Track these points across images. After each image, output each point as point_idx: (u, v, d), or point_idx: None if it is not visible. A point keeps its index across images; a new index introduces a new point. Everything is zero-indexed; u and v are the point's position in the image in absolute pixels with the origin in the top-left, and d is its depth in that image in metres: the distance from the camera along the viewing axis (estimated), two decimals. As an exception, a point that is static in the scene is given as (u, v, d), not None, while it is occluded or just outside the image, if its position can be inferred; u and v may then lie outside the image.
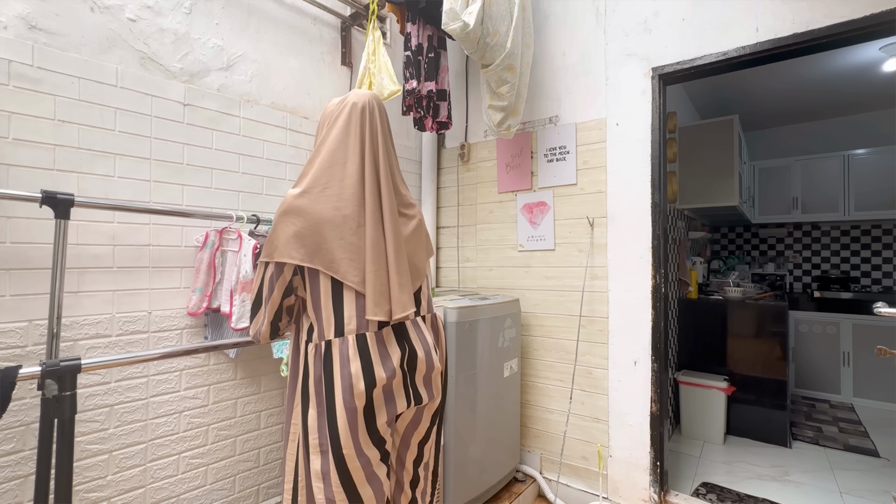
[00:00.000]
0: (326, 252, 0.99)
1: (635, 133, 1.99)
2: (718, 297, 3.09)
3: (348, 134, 1.04)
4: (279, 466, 1.98)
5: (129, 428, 1.54)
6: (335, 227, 1.00)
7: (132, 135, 1.55)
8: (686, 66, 1.87)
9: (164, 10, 1.64)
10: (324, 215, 1.00)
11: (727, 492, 2.20)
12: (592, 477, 2.08)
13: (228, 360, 1.80)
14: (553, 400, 2.23)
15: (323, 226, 1.00)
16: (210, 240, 1.68)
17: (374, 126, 1.08)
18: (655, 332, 1.93)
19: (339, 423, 0.97)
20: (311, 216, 0.99)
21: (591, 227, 2.12)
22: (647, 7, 1.98)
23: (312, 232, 0.99)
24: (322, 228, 0.99)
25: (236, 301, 1.61)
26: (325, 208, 1.00)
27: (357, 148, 1.04)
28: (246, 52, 1.88)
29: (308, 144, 2.10)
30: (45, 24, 1.38)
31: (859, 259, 4.13)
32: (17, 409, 1.32)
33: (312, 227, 0.99)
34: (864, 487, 2.26)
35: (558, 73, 2.24)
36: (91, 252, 1.47)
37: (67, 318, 1.41)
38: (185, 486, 1.67)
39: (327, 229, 1.00)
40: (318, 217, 1.00)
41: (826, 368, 3.62)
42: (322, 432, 0.98)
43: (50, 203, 1.24)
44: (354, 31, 2.31)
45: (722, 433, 2.78)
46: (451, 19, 1.76)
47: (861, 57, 3.00)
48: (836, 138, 4.19)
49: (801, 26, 1.64)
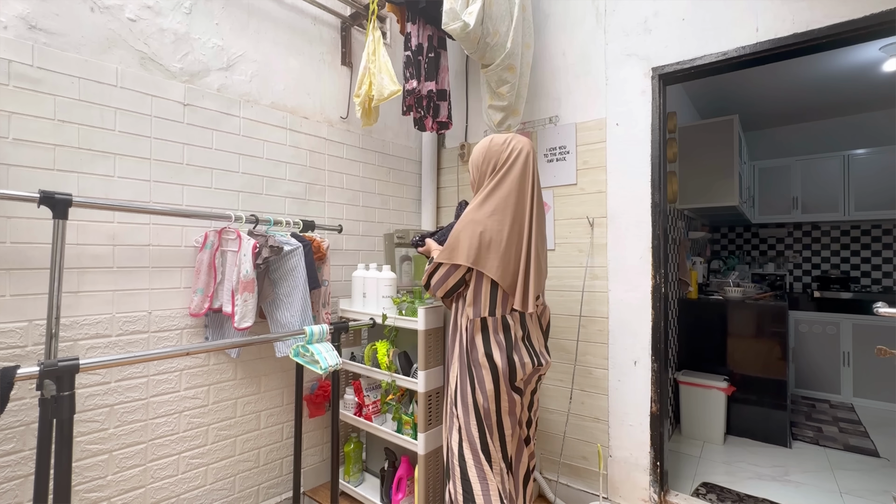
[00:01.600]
0: (491, 260, 1.36)
1: (635, 133, 1.99)
2: (718, 297, 3.08)
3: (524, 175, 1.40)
4: (279, 466, 1.98)
5: (129, 428, 1.54)
6: (497, 244, 1.36)
7: (132, 135, 1.55)
8: (686, 66, 1.87)
9: (164, 10, 1.64)
10: (493, 234, 1.36)
11: (727, 492, 2.20)
12: (592, 477, 2.08)
13: (228, 360, 1.80)
14: (553, 400, 2.22)
15: (493, 241, 1.36)
16: (209, 240, 1.68)
17: (536, 169, 1.45)
18: (655, 332, 1.93)
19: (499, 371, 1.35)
20: (488, 232, 1.36)
21: (591, 227, 2.12)
22: (647, 7, 1.98)
23: (489, 248, 1.36)
24: (492, 243, 1.36)
25: (238, 301, 1.61)
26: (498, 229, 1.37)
27: (528, 190, 1.41)
28: (246, 52, 1.88)
29: (308, 144, 2.10)
30: (45, 24, 1.38)
31: (859, 259, 4.13)
32: (17, 409, 1.32)
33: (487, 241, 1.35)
34: (864, 487, 2.26)
35: (558, 73, 2.24)
36: (91, 252, 1.47)
37: (67, 318, 1.41)
38: (185, 486, 1.67)
39: (494, 245, 1.36)
40: (491, 234, 1.36)
41: (826, 368, 3.62)
42: (480, 379, 1.36)
43: (48, 203, 1.24)
44: (354, 31, 2.31)
45: (722, 433, 2.78)
46: (452, 19, 1.75)
47: (861, 57, 3.00)
48: (836, 138, 4.19)
49: (801, 26, 1.64)
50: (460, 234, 1.37)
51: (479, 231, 1.35)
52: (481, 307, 1.40)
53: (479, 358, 1.37)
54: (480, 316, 1.39)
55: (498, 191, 1.38)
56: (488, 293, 1.40)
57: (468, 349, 1.39)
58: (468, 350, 1.39)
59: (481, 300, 1.40)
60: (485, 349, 1.36)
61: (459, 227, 1.38)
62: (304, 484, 2.06)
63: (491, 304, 1.40)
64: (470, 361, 1.39)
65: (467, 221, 1.38)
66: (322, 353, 1.55)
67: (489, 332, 1.38)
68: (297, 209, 2.05)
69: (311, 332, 1.57)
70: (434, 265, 1.44)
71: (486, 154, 1.43)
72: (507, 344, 1.38)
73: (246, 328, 1.61)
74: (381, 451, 2.04)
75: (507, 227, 1.37)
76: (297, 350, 1.58)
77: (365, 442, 2.19)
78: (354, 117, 2.22)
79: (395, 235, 2.20)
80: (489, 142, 1.44)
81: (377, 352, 1.88)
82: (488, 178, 1.41)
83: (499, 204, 1.37)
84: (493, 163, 1.41)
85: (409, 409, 1.83)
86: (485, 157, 1.43)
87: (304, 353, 1.58)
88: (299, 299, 1.77)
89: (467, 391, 1.39)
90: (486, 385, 1.35)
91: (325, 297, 1.99)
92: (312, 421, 2.11)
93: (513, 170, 1.39)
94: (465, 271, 1.39)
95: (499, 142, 1.42)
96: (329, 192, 2.20)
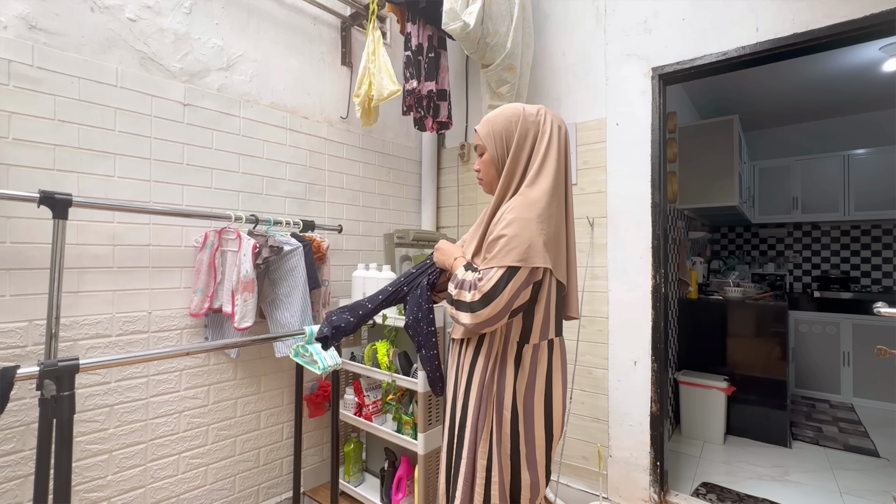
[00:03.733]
0: (559, 258, 1.08)
1: (635, 133, 1.99)
2: (718, 297, 3.08)
3: (559, 153, 1.11)
4: (279, 466, 1.98)
5: (129, 428, 1.54)
6: (560, 237, 1.09)
7: (132, 135, 1.55)
8: (686, 66, 1.87)
9: (164, 10, 1.64)
10: (560, 226, 1.08)
11: (727, 492, 2.20)
12: (592, 477, 2.08)
13: (228, 360, 1.79)
14: (553, 400, 2.22)
15: (558, 234, 1.07)
16: (209, 240, 1.68)
17: (569, 149, 1.18)
18: (655, 332, 1.93)
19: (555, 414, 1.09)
20: (556, 225, 1.06)
21: (591, 227, 2.12)
22: (647, 7, 1.98)
23: (555, 239, 1.06)
24: (558, 236, 1.07)
25: (238, 301, 1.61)
26: (557, 216, 1.08)
27: (564, 169, 1.12)
28: (246, 52, 1.88)
29: (308, 144, 2.10)
30: (45, 24, 1.38)
31: (859, 259, 4.13)
32: (17, 409, 1.32)
33: (556, 235, 1.06)
34: (864, 487, 2.26)
35: (558, 73, 2.24)
36: (91, 252, 1.47)
37: (67, 318, 1.40)
38: (185, 486, 1.67)
39: (557, 238, 1.07)
40: (559, 226, 1.07)
41: (826, 368, 3.62)
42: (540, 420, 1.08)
43: (48, 203, 1.24)
44: (354, 31, 2.31)
45: (722, 433, 2.78)
46: (452, 19, 1.75)
47: (861, 57, 3.00)
48: (836, 138, 4.19)
49: (801, 26, 1.64)
50: (527, 223, 0.99)
51: (547, 217, 1.02)
52: (550, 325, 1.10)
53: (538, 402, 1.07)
54: (548, 338, 1.10)
55: (546, 168, 1.08)
56: (553, 304, 1.10)
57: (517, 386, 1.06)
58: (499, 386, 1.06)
59: (551, 315, 1.10)
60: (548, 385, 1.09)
61: (520, 214, 1.00)
62: (304, 484, 2.06)
63: (557, 319, 1.13)
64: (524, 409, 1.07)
65: (529, 204, 1.02)
66: (322, 354, 1.55)
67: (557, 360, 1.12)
68: (297, 209, 2.05)
69: (311, 332, 1.57)
70: (500, 272, 0.97)
71: (522, 123, 1.10)
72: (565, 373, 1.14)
73: (246, 328, 1.61)
74: (381, 451, 2.03)
75: (562, 214, 1.10)
76: (297, 350, 1.58)
77: (365, 442, 2.19)
78: (354, 117, 2.22)
79: (395, 235, 2.19)
80: (522, 110, 1.12)
81: (377, 352, 1.88)
82: (529, 153, 1.10)
83: (551, 184, 1.06)
84: (532, 134, 1.10)
85: (409, 409, 1.83)
86: (521, 128, 1.10)
87: (304, 353, 1.58)
88: (299, 299, 1.77)
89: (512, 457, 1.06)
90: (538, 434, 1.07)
91: (325, 297, 1.99)
92: (312, 421, 2.11)
93: (561, 147, 1.11)
94: (539, 278, 1.04)
95: (533, 112, 1.12)
96: (329, 192, 2.20)
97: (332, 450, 1.85)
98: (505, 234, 0.99)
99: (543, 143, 1.09)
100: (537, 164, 1.08)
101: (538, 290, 1.06)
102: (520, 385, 1.06)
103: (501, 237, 0.99)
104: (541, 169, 1.08)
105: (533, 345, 1.08)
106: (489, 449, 1.06)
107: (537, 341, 1.08)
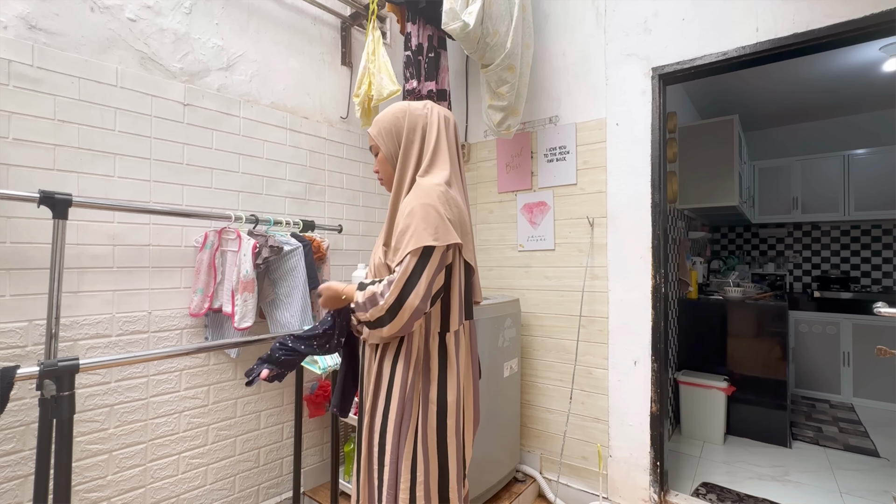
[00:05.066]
0: (464, 241, 1.06)
1: (635, 133, 1.99)
2: (718, 297, 3.08)
3: (449, 143, 1.14)
4: (279, 466, 1.98)
5: (129, 428, 1.54)
6: (464, 221, 1.08)
7: (132, 135, 1.55)
8: (686, 66, 1.86)
9: (164, 10, 1.64)
10: (461, 208, 1.08)
11: (727, 492, 2.20)
12: (592, 477, 2.08)
13: (228, 360, 1.79)
14: (553, 400, 2.22)
15: (461, 217, 1.07)
16: (209, 240, 1.68)
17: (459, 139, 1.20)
18: (655, 332, 1.93)
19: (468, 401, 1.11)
20: (458, 207, 1.06)
21: (591, 227, 2.12)
22: (647, 7, 1.98)
23: (460, 221, 1.05)
24: (461, 219, 1.06)
25: (238, 301, 1.61)
26: (461, 201, 1.09)
27: (456, 157, 1.15)
28: (246, 52, 1.88)
29: (308, 144, 2.10)
30: (45, 24, 1.38)
31: (859, 259, 4.13)
32: (17, 409, 1.32)
33: (459, 217, 1.05)
34: (864, 487, 2.26)
35: (558, 73, 2.24)
36: (91, 252, 1.46)
37: (67, 318, 1.40)
38: (185, 486, 1.67)
39: (461, 221, 1.06)
40: (460, 208, 1.07)
41: (826, 368, 3.62)
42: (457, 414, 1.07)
43: (48, 203, 1.24)
44: (354, 31, 2.31)
45: (722, 433, 2.78)
46: (451, 19, 1.75)
47: (861, 57, 3.00)
48: (836, 138, 4.19)
49: (801, 26, 1.64)
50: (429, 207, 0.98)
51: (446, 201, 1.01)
52: (464, 309, 1.10)
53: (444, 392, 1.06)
54: (462, 322, 1.10)
55: (439, 157, 1.09)
56: (463, 288, 1.09)
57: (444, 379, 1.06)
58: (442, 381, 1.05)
59: (463, 299, 1.09)
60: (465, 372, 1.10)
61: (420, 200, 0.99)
62: (304, 484, 2.06)
63: (468, 302, 1.12)
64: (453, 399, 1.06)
65: (427, 191, 1.01)
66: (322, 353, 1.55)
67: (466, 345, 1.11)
68: (297, 209, 2.05)
69: (311, 332, 1.57)
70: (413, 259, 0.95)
71: (409, 118, 1.11)
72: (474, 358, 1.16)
73: (246, 328, 1.61)
74: (380, 451, 2.03)
75: (462, 200, 1.10)
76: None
77: (365, 442, 2.19)
78: (354, 117, 2.21)
79: (395, 235, 2.19)
80: (407, 106, 1.13)
81: (377, 352, 1.87)
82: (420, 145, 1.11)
83: (448, 172, 1.08)
84: (421, 126, 1.11)
85: (409, 409, 1.83)
86: (409, 122, 1.11)
87: (304, 353, 1.57)
88: (299, 299, 1.77)
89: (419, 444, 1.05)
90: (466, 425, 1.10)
91: (325, 297, 1.99)
92: (312, 421, 2.11)
93: (450, 137, 1.14)
94: (450, 259, 1.03)
95: (418, 107, 1.13)
96: (329, 192, 2.20)
97: (332, 450, 1.85)
98: (410, 222, 0.97)
99: (433, 134, 1.11)
100: (430, 154, 1.09)
101: (451, 274, 1.06)
102: (450, 377, 1.06)
103: (408, 226, 0.97)
104: (434, 158, 1.09)
105: (454, 332, 1.07)
106: (413, 448, 1.03)
107: (457, 327, 1.07)
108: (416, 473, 1.02)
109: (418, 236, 0.95)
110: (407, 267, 0.95)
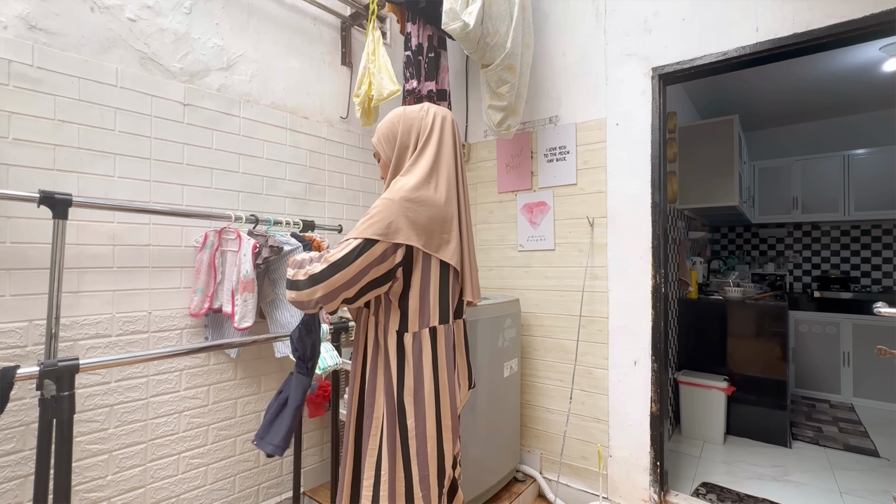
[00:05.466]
0: (439, 241, 1.07)
1: (635, 133, 1.99)
2: (718, 297, 3.08)
3: (442, 143, 1.13)
4: (279, 466, 1.98)
5: (129, 428, 1.54)
6: (445, 220, 1.08)
7: (132, 135, 1.55)
8: (686, 66, 1.87)
9: (164, 10, 1.64)
10: (438, 208, 1.06)
11: (727, 492, 2.20)
12: (592, 477, 2.08)
13: (228, 360, 1.79)
14: (553, 400, 2.23)
15: (437, 217, 1.06)
16: (209, 240, 1.68)
17: (458, 139, 1.19)
18: (655, 332, 1.93)
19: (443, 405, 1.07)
20: (431, 206, 1.05)
21: (591, 227, 2.12)
22: (647, 7, 1.98)
23: (431, 221, 1.05)
24: (437, 219, 1.06)
25: (238, 301, 1.61)
26: (439, 201, 1.07)
27: (451, 157, 1.13)
28: (246, 52, 1.88)
29: (308, 144, 2.10)
30: (45, 24, 1.38)
31: (859, 259, 4.13)
32: (17, 409, 1.32)
33: (431, 217, 1.05)
34: (864, 487, 2.26)
35: (558, 73, 2.24)
36: (91, 252, 1.46)
37: (67, 318, 1.40)
38: (185, 486, 1.67)
39: (439, 221, 1.06)
40: (435, 207, 1.06)
41: (826, 368, 3.62)
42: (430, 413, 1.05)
43: (48, 203, 1.24)
44: (354, 31, 2.31)
45: (722, 433, 2.78)
46: (451, 19, 1.75)
47: (861, 57, 3.00)
48: (836, 138, 4.19)
49: (801, 26, 1.64)
50: (390, 203, 1.00)
51: (417, 199, 1.03)
52: (430, 312, 1.06)
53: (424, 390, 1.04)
54: (429, 326, 1.06)
55: (424, 157, 1.10)
56: (432, 290, 1.07)
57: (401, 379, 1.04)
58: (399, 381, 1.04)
59: (429, 301, 1.06)
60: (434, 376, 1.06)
61: (385, 196, 1.02)
62: (304, 484, 2.06)
63: (441, 305, 1.08)
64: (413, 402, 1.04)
65: (396, 189, 1.04)
66: (322, 354, 1.55)
67: (442, 349, 1.08)
68: (297, 209, 2.05)
69: (311, 332, 1.57)
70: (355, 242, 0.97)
71: (404, 121, 1.13)
72: (450, 361, 1.10)
73: (246, 328, 1.61)
74: (381, 451, 2.03)
75: (452, 199, 1.10)
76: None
77: (365, 442, 2.19)
78: (354, 117, 2.21)
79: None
80: (403, 111, 1.15)
81: (377, 352, 1.87)
82: (414, 148, 1.12)
83: (427, 170, 1.07)
84: (416, 129, 1.12)
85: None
86: (403, 125, 1.13)
87: (304, 353, 1.57)
88: (299, 299, 1.76)
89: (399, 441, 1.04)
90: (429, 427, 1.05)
91: (325, 297, 1.99)
92: (312, 421, 2.11)
93: (445, 137, 1.13)
94: (401, 258, 1.01)
95: (415, 110, 1.14)
96: (329, 192, 2.20)
97: (332, 450, 1.85)
98: (370, 213, 1.00)
99: (425, 136, 1.11)
100: (415, 155, 1.10)
101: (409, 274, 1.04)
102: (406, 377, 1.04)
103: (367, 217, 1.01)
104: (418, 158, 1.10)
105: (413, 333, 1.04)
106: (378, 445, 1.04)
107: (416, 329, 1.05)
108: (381, 471, 1.03)
109: (368, 228, 0.98)
110: (344, 248, 0.98)
